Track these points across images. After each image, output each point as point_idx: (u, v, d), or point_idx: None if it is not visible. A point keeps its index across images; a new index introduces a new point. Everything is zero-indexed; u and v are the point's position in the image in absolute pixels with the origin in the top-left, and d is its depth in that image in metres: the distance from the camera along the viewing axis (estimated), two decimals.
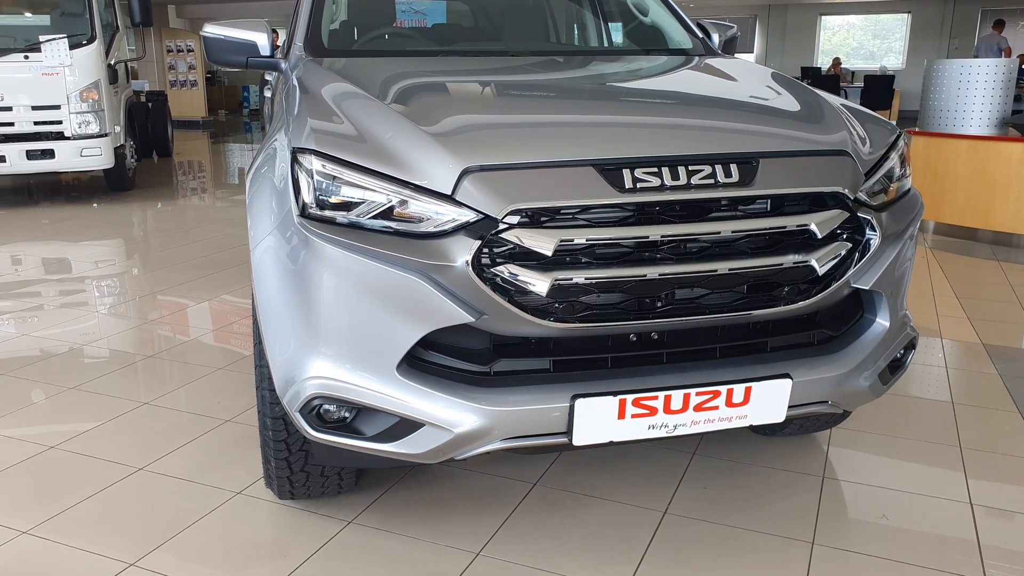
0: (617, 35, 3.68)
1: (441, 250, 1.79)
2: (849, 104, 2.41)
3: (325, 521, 2.46)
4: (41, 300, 4.96)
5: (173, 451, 2.90)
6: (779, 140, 2.03)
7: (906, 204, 2.20)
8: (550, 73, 2.79)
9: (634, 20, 3.64)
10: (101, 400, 3.36)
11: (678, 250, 1.87)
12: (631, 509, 2.54)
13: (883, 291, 2.12)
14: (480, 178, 1.81)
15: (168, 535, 2.39)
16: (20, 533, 2.41)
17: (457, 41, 3.35)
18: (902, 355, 2.33)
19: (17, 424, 3.15)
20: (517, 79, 2.62)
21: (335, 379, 1.91)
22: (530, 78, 2.66)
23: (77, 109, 7.62)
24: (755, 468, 2.80)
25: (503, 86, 2.50)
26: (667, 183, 1.85)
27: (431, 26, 3.37)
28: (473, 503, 2.57)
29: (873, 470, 2.80)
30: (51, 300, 4.96)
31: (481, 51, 3.08)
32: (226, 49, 2.90)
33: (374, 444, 1.94)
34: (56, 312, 4.70)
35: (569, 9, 3.74)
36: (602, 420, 1.89)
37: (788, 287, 1.96)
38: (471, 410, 1.85)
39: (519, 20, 3.51)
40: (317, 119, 2.07)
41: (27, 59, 7.45)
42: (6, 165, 7.51)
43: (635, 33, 3.57)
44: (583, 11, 3.82)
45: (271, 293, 2.03)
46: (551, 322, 1.83)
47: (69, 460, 2.85)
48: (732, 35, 3.42)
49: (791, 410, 2.02)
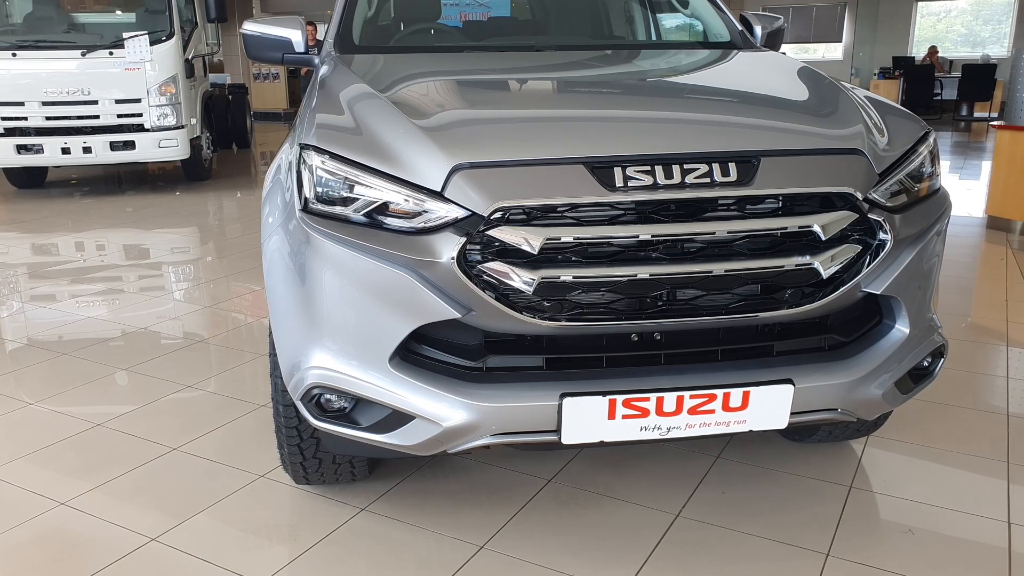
0: (659, 28, 3.62)
1: (429, 246, 1.81)
2: (877, 99, 2.31)
3: (339, 507, 2.52)
4: (112, 284, 5.23)
5: (207, 433, 3.02)
6: (784, 138, 1.96)
7: (930, 206, 2.09)
8: (563, 70, 2.75)
9: (676, 13, 3.56)
10: (150, 382, 3.52)
11: (671, 250, 1.83)
12: (643, 511, 2.51)
13: (900, 296, 2.02)
14: (469, 175, 1.81)
15: (190, 513, 2.50)
16: (58, 504, 2.56)
17: (490, 36, 3.35)
18: (929, 363, 2.22)
19: (71, 402, 3.34)
20: (527, 76, 2.61)
21: (333, 370, 1.95)
22: (540, 74, 2.64)
23: (156, 102, 7.98)
24: (780, 474, 2.72)
25: (509, 83, 2.50)
26: (660, 182, 1.81)
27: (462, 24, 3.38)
28: (485, 497, 2.58)
29: (907, 482, 2.68)
30: (121, 285, 5.22)
31: (509, 46, 3.08)
32: (263, 46, 2.99)
33: (369, 434, 1.98)
34: (124, 296, 4.95)
35: (614, 3, 3.68)
36: (591, 420, 1.87)
37: (791, 290, 1.89)
38: (460, 405, 1.87)
39: (555, 15, 3.49)
40: (324, 116, 2.11)
41: (111, 55, 7.84)
42: (92, 156, 7.94)
43: (676, 26, 3.50)
44: (630, 4, 3.77)
45: (277, 285, 2.09)
46: (539, 320, 1.83)
47: (111, 437, 3.01)
48: (777, 28, 3.31)
49: (795, 417, 1.96)
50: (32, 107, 7.79)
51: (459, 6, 3.91)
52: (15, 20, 8.41)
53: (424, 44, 3.23)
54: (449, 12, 3.91)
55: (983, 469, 2.77)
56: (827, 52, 21.48)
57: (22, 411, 3.25)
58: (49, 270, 5.62)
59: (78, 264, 5.81)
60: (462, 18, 3.77)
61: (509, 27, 3.42)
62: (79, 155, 7.93)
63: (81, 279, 5.34)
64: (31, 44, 7.88)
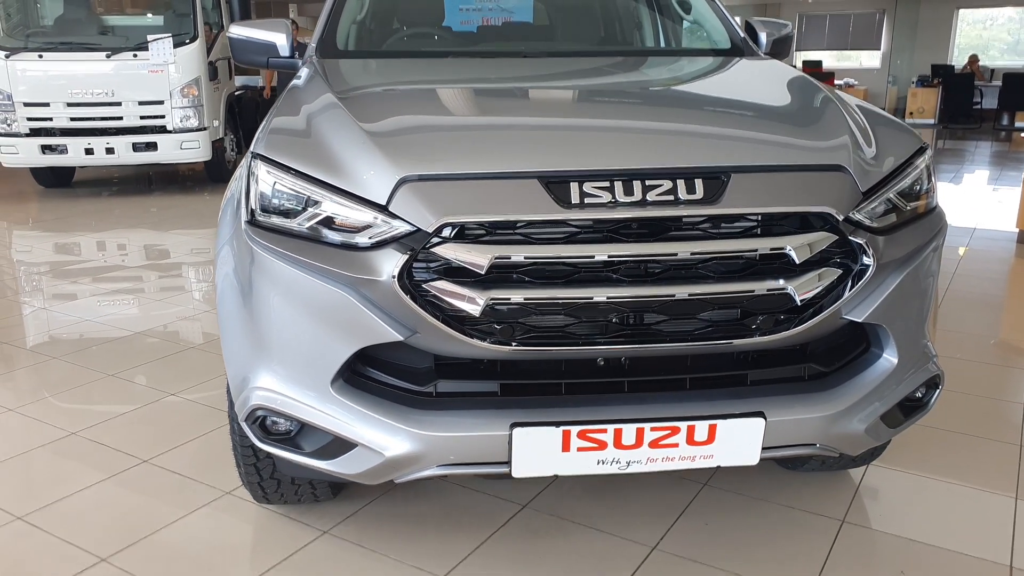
0: (661, 35, 3.48)
1: (369, 263, 1.70)
2: (872, 110, 2.15)
3: (301, 529, 2.42)
4: (115, 286, 5.21)
5: (181, 445, 2.95)
6: (757, 152, 1.82)
7: (922, 226, 1.94)
8: (541, 79, 2.61)
9: (679, 20, 3.42)
10: (134, 389, 3.47)
11: (631, 272, 1.70)
12: (618, 542, 2.37)
13: (886, 324, 1.87)
14: (415, 188, 1.71)
15: (148, 531, 2.42)
16: (15, 518, 2.49)
17: (481, 42, 3.24)
18: (923, 395, 2.06)
19: (51, 407, 3.29)
20: (498, 84, 2.48)
21: (277, 392, 1.86)
22: (513, 83, 2.51)
23: (179, 104, 8.01)
24: (769, 504, 2.57)
25: (474, 92, 2.38)
26: (620, 199, 1.68)
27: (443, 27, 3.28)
28: (454, 522, 2.47)
29: (905, 517, 2.51)
30: (125, 286, 5.20)
31: (495, 52, 2.96)
32: (248, 49, 2.92)
33: (312, 460, 1.88)
34: (125, 299, 4.92)
35: (615, 9, 3.55)
36: (544, 452, 1.75)
37: (763, 317, 1.75)
38: (403, 434, 1.76)
39: (550, 22, 3.37)
40: (279, 123, 2.03)
41: (136, 57, 7.89)
42: (114, 157, 8.00)
43: (677, 33, 3.36)
44: (634, 10, 3.62)
45: (224, 299, 2.00)
46: (490, 344, 1.71)
47: (84, 447, 2.95)
48: (784, 35, 3.15)
49: (767, 452, 1.82)
50: (57, 108, 7.87)
51: (481, 11, 3.81)
52: (46, 22, 8.52)
53: (409, 49, 3.13)
54: (463, 17, 3.81)
55: (989, 505, 2.58)
56: (864, 60, 21.04)
57: (0, 417, 3.21)
58: (58, 271, 5.64)
59: (89, 264, 5.82)
60: (462, 24, 3.68)
61: (502, 33, 3.31)
62: (102, 156, 7.99)
63: (88, 281, 5.33)
64: (57, 46, 7.97)
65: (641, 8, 3.61)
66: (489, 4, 3.60)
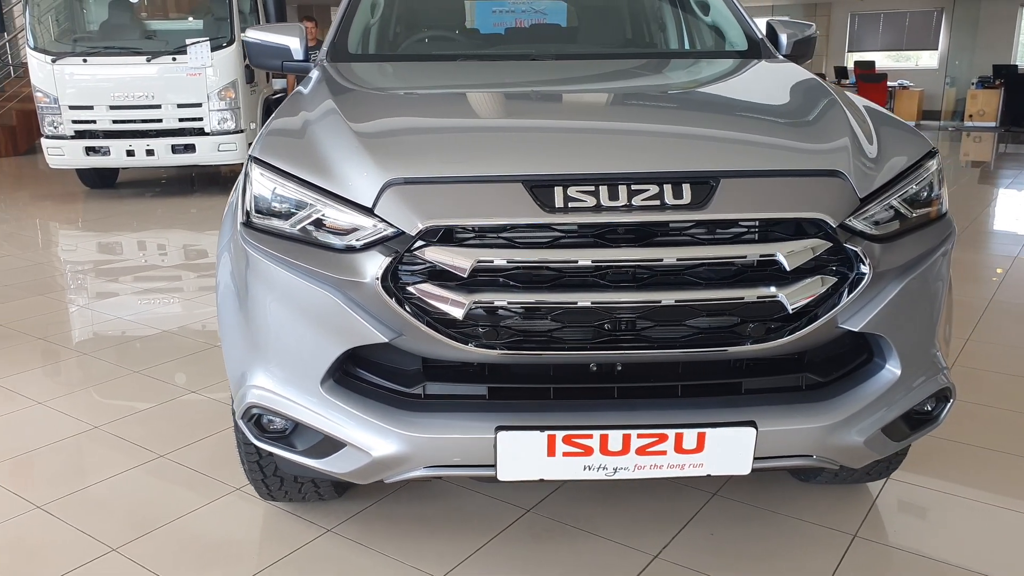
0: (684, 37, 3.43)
1: (355, 265, 1.71)
2: (880, 113, 2.10)
3: (306, 526, 2.45)
4: (150, 285, 5.34)
5: (197, 441, 3.01)
6: (748, 157, 1.78)
7: (928, 233, 1.87)
8: (543, 83, 2.58)
9: (698, 20, 3.37)
10: (156, 385, 3.55)
11: (617, 277, 1.68)
12: (620, 549, 2.35)
13: (886, 334, 1.82)
14: (401, 192, 1.71)
15: (158, 524, 2.47)
16: (34, 507, 2.57)
17: (495, 45, 3.24)
18: (933, 408, 2.00)
19: (78, 402, 3.39)
20: (496, 88, 2.47)
21: (271, 391, 1.88)
22: (504, 88, 2.50)
23: (216, 107, 8.18)
24: (779, 517, 2.51)
25: (467, 95, 2.38)
26: (604, 203, 1.67)
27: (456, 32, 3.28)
28: (457, 525, 2.47)
29: (920, 535, 2.43)
30: (159, 285, 5.33)
31: (504, 55, 2.96)
32: (263, 53, 2.96)
33: (305, 459, 1.90)
34: (159, 297, 5.04)
35: (634, 10, 3.51)
36: (530, 456, 1.74)
37: (753, 324, 1.71)
38: (390, 435, 1.76)
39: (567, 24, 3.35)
40: (278, 126, 2.05)
41: (175, 61, 8.08)
42: (154, 158, 8.20)
43: (699, 35, 3.31)
44: (655, 11, 3.58)
45: (223, 299, 2.04)
46: (474, 348, 1.71)
47: (105, 440, 3.03)
48: (806, 36, 3.08)
49: (760, 462, 1.78)
50: (100, 111, 8.11)
51: (514, 13, 3.82)
52: (92, 28, 8.77)
53: (418, 53, 3.14)
54: (496, 19, 3.82)
55: (1013, 526, 2.49)
56: (921, 60, 20.48)
57: (28, 410, 3.31)
58: (98, 269, 5.80)
59: (126, 264, 5.97)
60: (494, 26, 3.69)
61: (517, 36, 3.30)
62: (142, 157, 8.20)
63: (125, 280, 5.48)
64: (100, 50, 8.20)
65: (663, 10, 3.56)
66: (522, 6, 3.61)
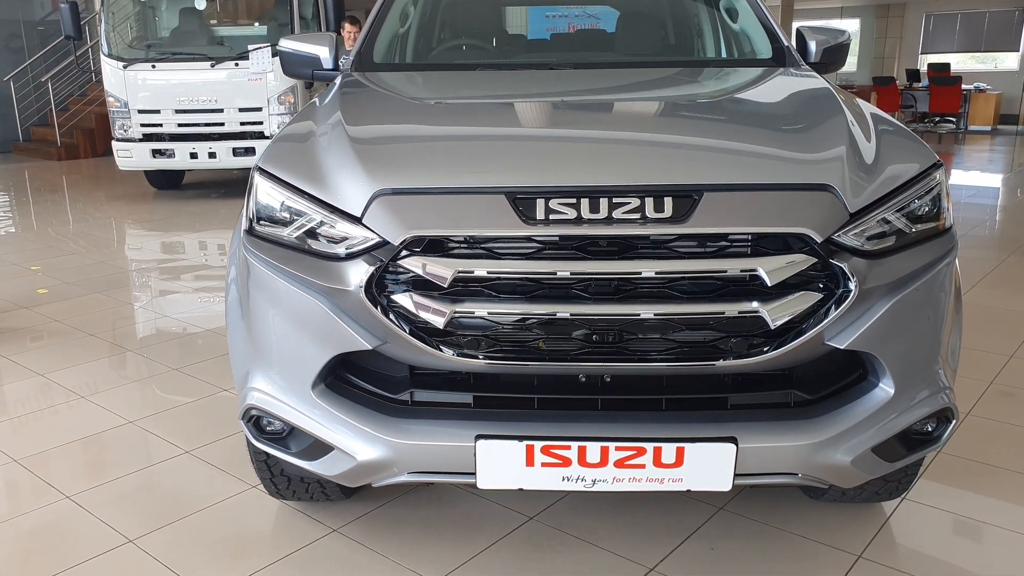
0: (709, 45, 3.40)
1: (341, 274, 1.77)
2: (888, 123, 2.05)
3: (313, 526, 2.52)
4: (201, 284, 5.54)
5: (222, 439, 3.12)
6: (732, 170, 1.77)
7: (925, 249, 1.83)
8: (535, 95, 2.57)
9: (727, 27, 3.34)
10: (191, 383, 3.69)
11: (597, 289, 1.69)
12: (616, 560, 2.35)
13: (876, 352, 1.78)
14: (388, 202, 1.76)
15: (174, 518, 2.58)
16: (63, 497, 2.71)
17: (521, 54, 3.26)
18: (932, 429, 1.95)
19: (115, 397, 3.55)
20: (488, 100, 2.50)
21: (268, 393, 1.95)
22: (502, 100, 2.51)
23: (276, 111, 8.44)
24: (784, 533, 2.47)
25: (463, 106, 2.41)
26: (585, 216, 1.68)
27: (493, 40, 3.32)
28: (458, 530, 2.51)
29: (929, 560, 2.36)
30: (209, 284, 5.52)
31: (523, 64, 2.98)
32: (295, 62, 3.06)
33: (298, 460, 1.96)
34: (203, 296, 5.23)
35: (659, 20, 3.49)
36: (508, 465, 1.76)
37: (736, 339, 1.70)
38: (374, 440, 1.81)
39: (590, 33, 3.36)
40: (284, 135, 2.13)
41: (237, 66, 8.36)
42: (216, 161, 8.51)
43: (721, 42, 3.28)
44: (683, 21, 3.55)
45: (230, 304, 2.12)
46: (455, 356, 1.74)
47: (136, 435, 3.17)
48: (838, 44, 3.01)
49: (741, 479, 1.77)
50: (167, 115, 8.46)
51: (568, 17, 3.86)
52: (163, 34, 9.15)
53: (441, 62, 3.19)
54: (550, 24, 3.87)
55: None
56: (1000, 62, 19.70)
57: (72, 403, 3.49)
58: (156, 268, 6.04)
59: (181, 263, 6.21)
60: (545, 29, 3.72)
61: (543, 46, 3.33)
62: (205, 160, 8.51)
63: (179, 278, 5.69)
64: (167, 56, 8.54)
65: (700, 17, 3.53)
66: (574, 10, 3.63)
